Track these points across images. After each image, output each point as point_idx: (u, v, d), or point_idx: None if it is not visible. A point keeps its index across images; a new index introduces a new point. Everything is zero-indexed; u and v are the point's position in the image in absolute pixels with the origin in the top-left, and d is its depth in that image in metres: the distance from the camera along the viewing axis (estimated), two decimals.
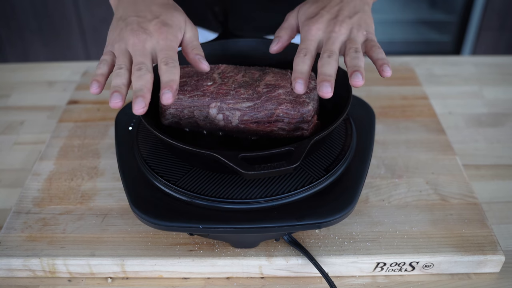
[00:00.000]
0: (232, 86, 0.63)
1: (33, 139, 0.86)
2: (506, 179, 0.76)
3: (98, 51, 2.23)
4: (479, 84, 0.99)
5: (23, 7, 2.11)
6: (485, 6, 2.16)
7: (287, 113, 0.60)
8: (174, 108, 0.63)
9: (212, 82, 0.64)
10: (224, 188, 0.58)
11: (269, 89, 0.62)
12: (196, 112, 0.62)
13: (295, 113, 0.60)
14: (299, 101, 0.61)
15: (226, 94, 0.62)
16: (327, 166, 0.61)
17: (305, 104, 0.60)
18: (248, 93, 0.62)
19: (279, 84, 0.63)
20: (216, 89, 0.63)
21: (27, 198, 0.70)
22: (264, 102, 0.61)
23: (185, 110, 0.63)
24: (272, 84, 0.63)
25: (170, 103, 0.53)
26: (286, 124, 0.61)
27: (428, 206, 0.67)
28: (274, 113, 0.61)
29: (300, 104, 0.60)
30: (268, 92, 0.62)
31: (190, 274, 0.62)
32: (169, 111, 0.63)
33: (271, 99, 0.61)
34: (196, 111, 0.62)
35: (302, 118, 0.60)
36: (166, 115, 0.64)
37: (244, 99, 0.61)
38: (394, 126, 0.83)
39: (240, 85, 0.63)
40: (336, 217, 0.56)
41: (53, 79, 1.03)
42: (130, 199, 0.58)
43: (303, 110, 0.60)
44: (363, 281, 0.62)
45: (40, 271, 0.62)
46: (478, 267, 0.61)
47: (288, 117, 0.60)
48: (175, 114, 0.63)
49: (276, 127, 0.61)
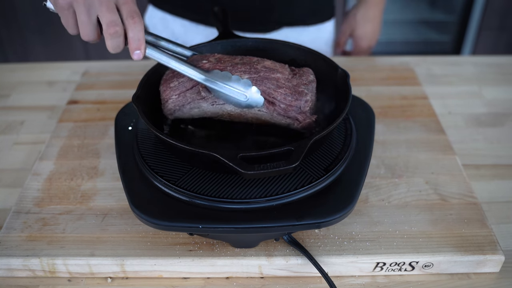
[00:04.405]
0: (229, 64, 0.64)
1: (33, 139, 0.86)
2: (506, 179, 0.76)
3: (98, 51, 2.23)
4: (479, 84, 0.99)
5: (23, 7, 2.11)
6: (485, 6, 2.16)
7: (285, 98, 0.61)
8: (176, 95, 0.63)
9: (207, 61, 0.64)
10: (224, 188, 0.58)
11: (268, 70, 0.62)
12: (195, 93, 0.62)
13: (293, 100, 0.60)
14: (298, 90, 0.61)
15: (223, 69, 0.63)
16: (327, 166, 0.61)
17: (304, 94, 0.61)
18: (246, 68, 0.63)
19: (277, 70, 0.63)
20: (212, 65, 0.63)
21: (27, 198, 0.70)
22: (264, 78, 0.61)
23: (188, 93, 0.63)
24: (271, 68, 0.63)
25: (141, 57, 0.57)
26: (282, 109, 0.61)
27: (428, 206, 0.67)
28: (273, 94, 0.61)
29: (299, 93, 0.61)
30: (267, 72, 0.62)
31: (189, 274, 0.62)
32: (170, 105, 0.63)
33: (270, 79, 0.61)
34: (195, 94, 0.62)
35: (299, 108, 0.60)
36: (168, 105, 0.64)
37: (242, 72, 0.62)
38: (394, 126, 0.83)
39: (238, 63, 0.64)
40: (335, 217, 0.56)
41: (53, 79, 1.03)
42: (130, 199, 0.58)
43: (301, 99, 0.60)
44: (362, 281, 0.62)
45: (40, 271, 0.62)
46: (478, 267, 0.62)
47: (286, 103, 0.61)
48: (177, 101, 0.63)
49: (271, 109, 0.61)
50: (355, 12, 1.14)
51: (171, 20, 1.08)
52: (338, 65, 0.68)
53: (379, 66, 1.02)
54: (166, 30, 1.10)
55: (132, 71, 1.01)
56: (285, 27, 1.06)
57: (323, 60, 0.70)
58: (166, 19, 1.09)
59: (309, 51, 0.71)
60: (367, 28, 1.13)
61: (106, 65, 1.04)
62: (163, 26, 1.10)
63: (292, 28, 1.06)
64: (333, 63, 0.68)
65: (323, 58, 0.70)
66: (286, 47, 0.73)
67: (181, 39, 1.09)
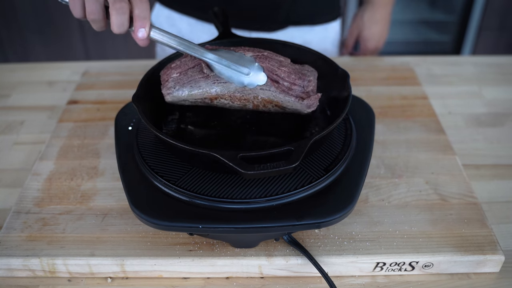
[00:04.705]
0: (230, 48, 0.65)
1: (33, 139, 0.86)
2: (506, 179, 0.76)
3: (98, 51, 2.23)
4: (479, 84, 0.99)
5: (23, 7, 2.11)
6: (485, 6, 2.16)
7: (288, 76, 0.61)
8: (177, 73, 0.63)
9: (210, 47, 0.65)
10: (224, 188, 0.58)
11: (271, 53, 0.64)
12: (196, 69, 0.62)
13: (296, 78, 0.61)
14: (301, 72, 0.63)
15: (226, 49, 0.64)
16: (327, 166, 0.61)
17: (307, 75, 0.62)
18: (249, 48, 0.64)
19: (280, 55, 0.65)
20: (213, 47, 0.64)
21: (27, 198, 0.70)
22: (267, 57, 0.62)
23: (189, 71, 0.63)
24: (273, 53, 0.65)
25: (146, 37, 0.57)
26: (285, 87, 0.61)
27: (427, 206, 0.67)
28: (276, 71, 0.61)
29: (302, 74, 0.62)
30: (270, 54, 0.63)
31: (189, 274, 0.62)
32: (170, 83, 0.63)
33: (274, 59, 0.62)
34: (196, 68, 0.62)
35: (303, 88, 0.61)
36: (168, 83, 0.63)
37: (246, 51, 0.63)
38: (394, 126, 0.83)
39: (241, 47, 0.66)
40: (335, 216, 0.56)
41: (53, 79, 1.03)
42: (130, 199, 0.58)
43: (305, 78, 0.61)
44: (362, 281, 0.62)
45: (40, 271, 0.62)
46: (478, 267, 0.62)
47: (289, 80, 0.61)
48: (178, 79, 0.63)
49: (275, 86, 0.61)
50: (362, 14, 1.13)
51: (178, 18, 1.09)
52: (338, 65, 0.68)
53: (379, 66, 1.02)
54: (172, 28, 1.10)
55: (132, 71, 1.01)
56: (290, 26, 1.06)
57: (323, 60, 0.70)
58: (173, 18, 1.09)
59: (309, 51, 0.72)
60: (374, 30, 1.13)
61: (106, 65, 1.04)
62: (170, 24, 1.10)
63: (298, 28, 1.06)
64: (333, 63, 0.68)
65: (323, 58, 0.70)
66: (286, 47, 0.73)
67: (187, 38, 1.09)
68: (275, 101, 0.63)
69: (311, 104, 0.63)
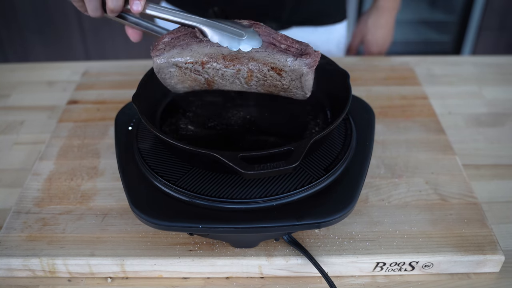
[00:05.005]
0: None
1: (33, 139, 0.86)
2: (506, 179, 0.76)
3: (98, 51, 2.23)
4: (479, 84, 0.99)
5: (23, 7, 2.11)
6: (485, 6, 2.16)
7: (286, 39, 0.61)
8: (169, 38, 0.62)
9: None
10: (224, 188, 0.58)
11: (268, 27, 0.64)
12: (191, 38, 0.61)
13: (294, 41, 0.60)
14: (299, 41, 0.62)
15: None
16: (327, 166, 0.61)
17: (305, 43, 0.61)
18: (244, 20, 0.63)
19: None
20: None
21: (27, 198, 0.70)
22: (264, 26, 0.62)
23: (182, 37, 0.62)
24: None
25: (140, 10, 0.59)
26: (282, 49, 0.60)
27: (427, 206, 0.67)
28: (273, 34, 0.61)
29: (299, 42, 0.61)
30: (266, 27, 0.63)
31: (189, 274, 0.62)
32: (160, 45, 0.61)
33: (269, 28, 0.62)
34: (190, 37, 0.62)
35: (301, 51, 0.60)
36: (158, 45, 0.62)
37: (242, 20, 0.63)
38: (394, 126, 0.83)
39: None
40: (335, 216, 0.56)
41: (53, 79, 1.03)
42: (130, 199, 0.58)
43: (303, 43, 0.61)
44: (362, 281, 0.62)
45: (40, 271, 0.62)
46: (478, 267, 0.62)
47: (287, 43, 0.60)
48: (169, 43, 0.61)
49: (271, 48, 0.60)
50: (366, 18, 1.13)
51: None
52: (338, 65, 0.68)
53: (379, 66, 1.02)
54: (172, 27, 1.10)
55: (132, 71, 1.01)
56: (295, 26, 1.05)
57: (323, 59, 0.70)
58: None
59: None
60: (378, 35, 1.13)
61: (106, 65, 1.04)
62: None
63: (302, 28, 1.06)
64: (333, 63, 0.68)
65: (323, 57, 0.70)
66: None
67: None
68: (271, 63, 0.60)
69: (311, 62, 0.59)
